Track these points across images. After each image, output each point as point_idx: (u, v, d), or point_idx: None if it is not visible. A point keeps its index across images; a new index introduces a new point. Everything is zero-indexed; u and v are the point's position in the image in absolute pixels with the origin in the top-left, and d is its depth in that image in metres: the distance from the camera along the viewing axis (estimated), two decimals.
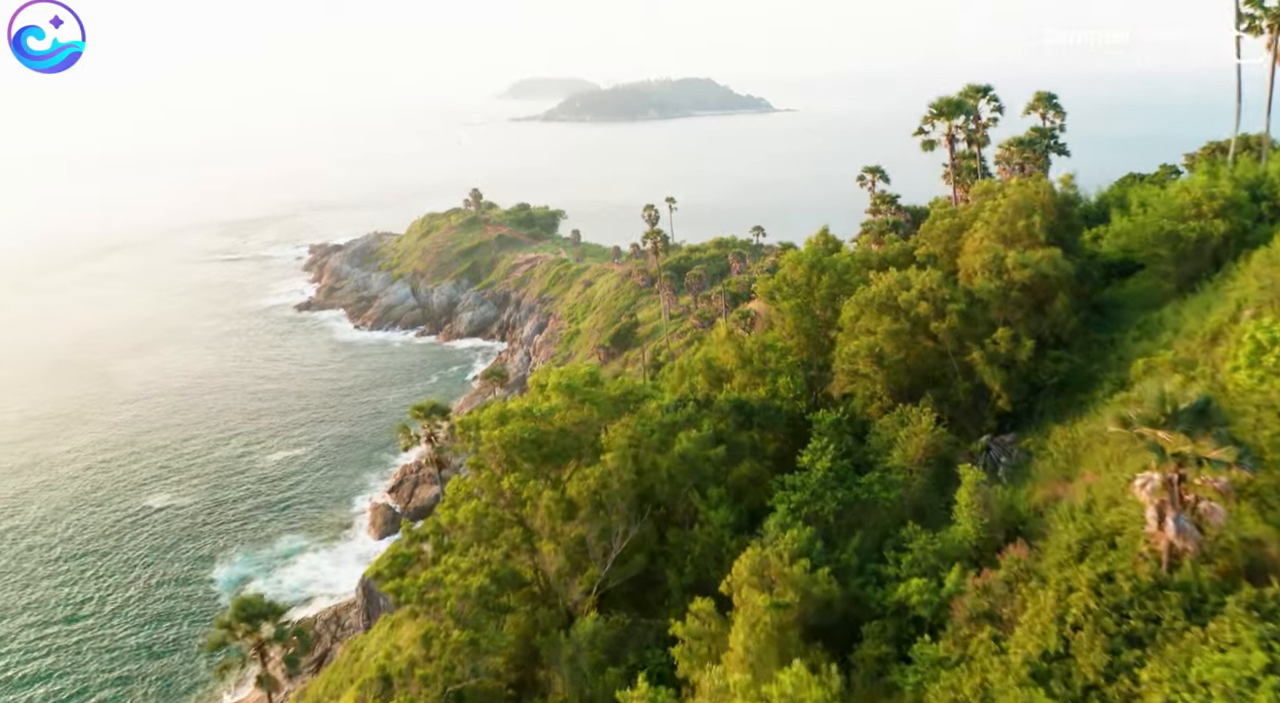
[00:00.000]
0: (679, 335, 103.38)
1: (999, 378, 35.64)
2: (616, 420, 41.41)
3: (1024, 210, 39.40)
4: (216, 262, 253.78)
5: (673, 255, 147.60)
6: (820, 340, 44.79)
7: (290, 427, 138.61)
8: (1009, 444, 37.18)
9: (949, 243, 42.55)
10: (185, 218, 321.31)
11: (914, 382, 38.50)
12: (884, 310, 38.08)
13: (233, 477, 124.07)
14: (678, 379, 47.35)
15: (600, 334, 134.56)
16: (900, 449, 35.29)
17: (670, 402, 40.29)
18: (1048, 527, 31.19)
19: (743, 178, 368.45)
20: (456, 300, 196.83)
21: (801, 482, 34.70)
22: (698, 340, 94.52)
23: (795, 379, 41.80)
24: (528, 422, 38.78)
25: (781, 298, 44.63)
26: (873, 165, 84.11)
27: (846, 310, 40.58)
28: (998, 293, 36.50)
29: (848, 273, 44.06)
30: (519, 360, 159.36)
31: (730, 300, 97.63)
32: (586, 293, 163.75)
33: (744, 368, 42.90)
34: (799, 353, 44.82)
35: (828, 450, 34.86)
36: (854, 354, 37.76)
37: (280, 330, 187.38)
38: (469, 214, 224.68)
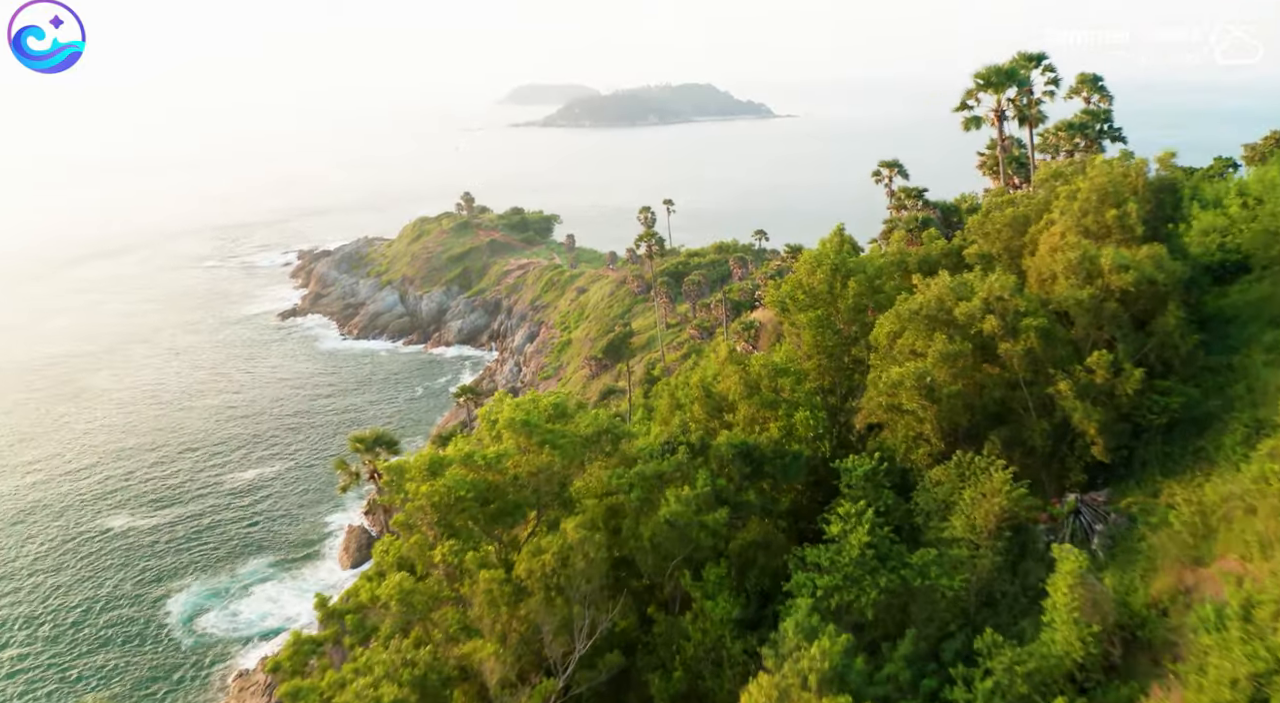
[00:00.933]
0: (675, 347, 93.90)
1: (1094, 417, 26.25)
2: (589, 465, 32.10)
3: (1112, 197, 30.06)
4: (202, 268, 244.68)
5: (669, 260, 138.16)
6: (845, 362, 35.38)
7: (264, 442, 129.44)
8: (1103, 505, 27.82)
9: (1010, 239, 33.25)
10: (176, 223, 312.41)
11: (974, 420, 29.14)
12: (935, 326, 28.72)
13: (199, 495, 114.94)
14: (668, 408, 37.83)
15: (592, 344, 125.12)
16: (963, 515, 25.98)
17: (656, 444, 30.83)
18: (1183, 638, 21.82)
19: (743, 183, 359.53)
20: (446, 308, 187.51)
21: (830, 559, 25.36)
22: (695, 353, 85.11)
23: (815, 413, 32.34)
24: (469, 472, 29.42)
25: (796, 309, 35.20)
26: (888, 160, 75.16)
27: (882, 325, 31.23)
28: (1089, 304, 27.14)
29: (880, 278, 34.68)
30: (509, 371, 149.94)
31: (731, 309, 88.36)
32: (579, 300, 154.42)
33: (750, 398, 33.44)
34: (819, 378, 35.39)
35: (864, 518, 25.47)
36: (896, 384, 28.39)
37: (262, 339, 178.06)
38: (461, 218, 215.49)
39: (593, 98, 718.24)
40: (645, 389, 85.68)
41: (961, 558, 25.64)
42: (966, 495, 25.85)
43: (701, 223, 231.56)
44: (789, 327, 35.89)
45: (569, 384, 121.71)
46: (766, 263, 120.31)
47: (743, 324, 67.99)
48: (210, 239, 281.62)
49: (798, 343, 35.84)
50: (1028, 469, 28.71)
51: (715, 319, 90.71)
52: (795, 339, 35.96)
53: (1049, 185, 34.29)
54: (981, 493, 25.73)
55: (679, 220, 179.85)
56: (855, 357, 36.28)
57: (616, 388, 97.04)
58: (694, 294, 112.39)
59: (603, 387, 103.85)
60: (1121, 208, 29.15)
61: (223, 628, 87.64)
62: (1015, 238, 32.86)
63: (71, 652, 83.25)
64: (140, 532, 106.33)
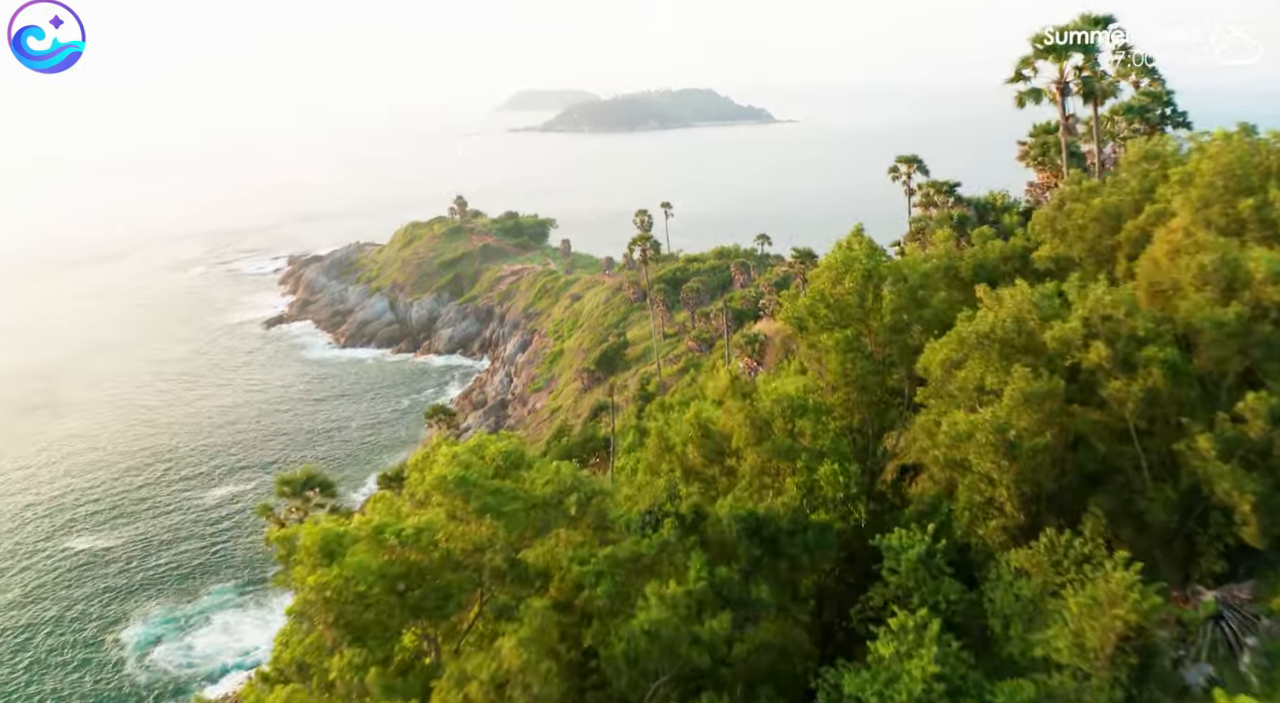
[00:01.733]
0: (672, 360, 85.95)
1: (1248, 487, 18.45)
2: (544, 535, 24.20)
3: (1240, 181, 22.24)
4: (189, 274, 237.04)
5: (667, 266, 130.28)
6: (880, 394, 27.52)
7: (239, 458, 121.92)
8: (1250, 605, 20.02)
9: (1097, 239, 25.45)
10: (169, 227, 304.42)
11: (1065, 481, 21.30)
12: (1012, 355, 20.92)
13: (168, 515, 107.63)
14: (656, 455, 29.83)
15: (585, 355, 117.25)
16: (1065, 627, 18.16)
17: (635, 513, 22.84)
18: None
19: (744, 188, 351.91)
20: (437, 315, 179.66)
21: (879, 693, 17.57)
22: (693, 367, 77.20)
23: (846, 466, 24.40)
24: (378, 552, 21.56)
25: (819, 327, 27.31)
26: (907, 155, 67.42)
27: (935, 351, 23.40)
28: (1235, 327, 19.31)
29: (924, 287, 26.79)
30: (499, 382, 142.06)
31: (733, 318, 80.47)
32: (574, 308, 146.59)
33: (760, 444, 25.55)
34: (846, 415, 27.46)
35: (928, 637, 17.61)
36: (961, 436, 20.56)
37: (245, 348, 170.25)
38: (453, 223, 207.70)
39: (592, 103, 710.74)
40: (639, 406, 77.88)
41: (1066, 692, 17.71)
42: (1072, 603, 17.87)
43: (701, 228, 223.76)
44: (807, 349, 27.96)
45: (560, 397, 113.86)
46: (770, 269, 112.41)
47: (746, 337, 60.09)
48: (202, 244, 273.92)
49: (819, 370, 27.90)
50: (1139, 550, 20.74)
51: (715, 330, 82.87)
52: (815, 365, 28.02)
53: (1140, 169, 26.56)
54: (1093, 599, 17.77)
55: (678, 225, 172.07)
56: (892, 386, 28.41)
57: (609, 404, 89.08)
58: (693, 302, 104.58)
59: (595, 402, 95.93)
60: (1261, 195, 21.44)
61: (175, 663, 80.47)
62: (1104, 236, 25.05)
63: (9, 680, 76.28)
64: (102, 550, 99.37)
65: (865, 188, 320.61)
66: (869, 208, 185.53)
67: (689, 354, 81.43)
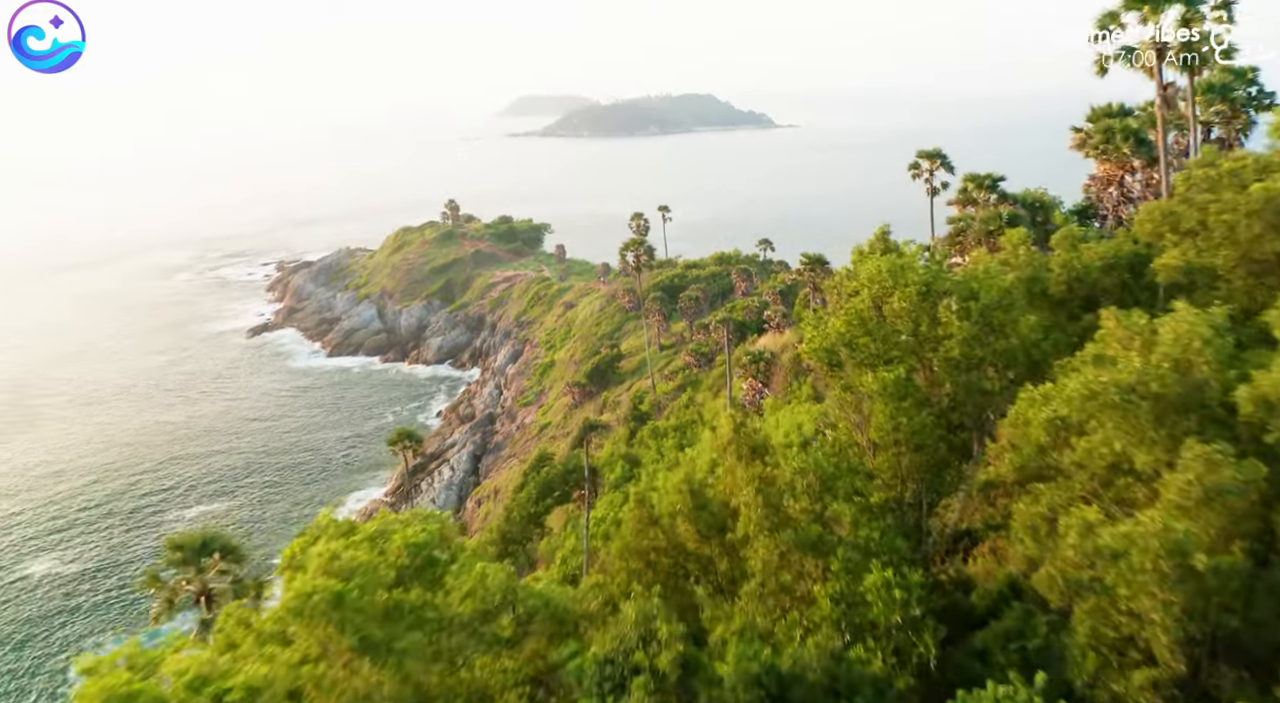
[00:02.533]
0: (668, 375, 78.16)
1: None
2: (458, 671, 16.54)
3: None
4: (174, 280, 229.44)
5: (665, 273, 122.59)
6: (943, 453, 19.84)
7: (215, 474, 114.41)
8: None
9: (1256, 242, 17.78)
10: (160, 232, 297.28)
11: (1254, 618, 13.69)
12: (1174, 420, 13.33)
13: (135, 537, 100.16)
14: (636, 529, 22.05)
15: (577, 367, 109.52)
16: None
17: (592, 661, 14.96)
18: None
19: (745, 193, 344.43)
20: (426, 323, 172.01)
21: None
22: (691, 385, 69.40)
23: (904, 572, 16.64)
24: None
25: (857, 363, 19.65)
26: (928, 150, 59.90)
27: (1032, 407, 15.81)
28: None
29: (1003, 309, 19.09)
30: (488, 394, 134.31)
31: (735, 331, 72.78)
32: (566, 317, 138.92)
33: (777, 531, 17.87)
34: (894, 483, 19.80)
35: None
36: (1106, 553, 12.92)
37: (227, 358, 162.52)
38: (445, 228, 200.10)
39: (592, 108, 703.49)
40: (630, 428, 70.13)
41: None
42: None
43: (700, 233, 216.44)
44: (841, 392, 20.22)
45: (550, 413, 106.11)
46: (774, 276, 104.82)
47: (750, 356, 52.34)
48: (191, 250, 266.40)
49: (856, 421, 20.16)
50: None
51: (715, 344, 75.18)
52: (852, 413, 20.27)
53: None
54: None
55: (676, 230, 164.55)
56: (955, 440, 20.70)
57: (600, 422, 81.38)
58: (691, 312, 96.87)
59: (585, 419, 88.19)
60: None
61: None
62: (1268, 237, 17.42)
63: None
64: (60, 580, 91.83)
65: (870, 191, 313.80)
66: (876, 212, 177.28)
67: (686, 371, 73.75)
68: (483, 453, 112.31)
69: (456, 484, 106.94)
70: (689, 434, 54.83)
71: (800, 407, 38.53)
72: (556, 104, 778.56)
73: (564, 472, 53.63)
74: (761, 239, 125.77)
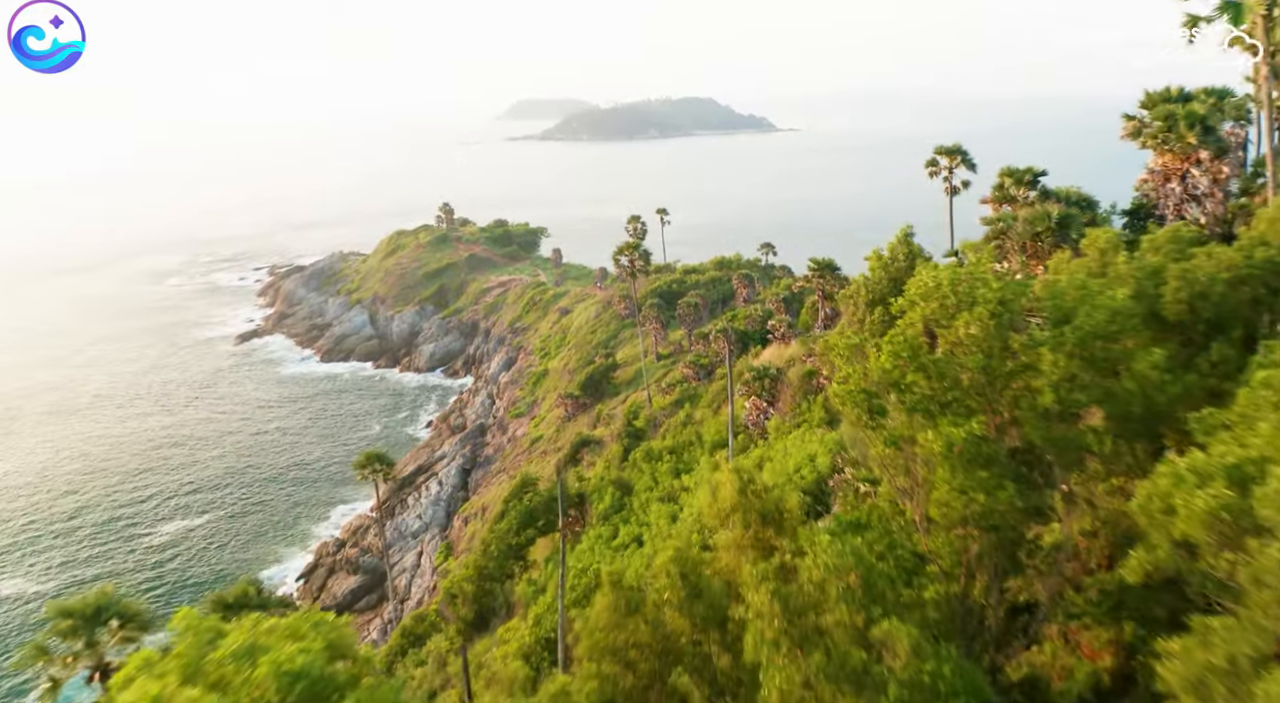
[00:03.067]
0: (665, 388, 72.81)
1: None
2: None
3: None
4: (163, 285, 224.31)
5: (663, 278, 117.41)
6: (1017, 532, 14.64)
7: (196, 486, 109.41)
8: None
9: None
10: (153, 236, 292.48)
11: None
12: None
13: (106, 554, 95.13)
14: (610, 624, 16.75)
15: (571, 377, 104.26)
16: None
17: None
18: None
19: (746, 197, 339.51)
20: (419, 329, 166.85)
21: None
22: (689, 401, 64.12)
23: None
24: None
25: (909, 411, 14.42)
26: (948, 146, 54.80)
27: (1198, 489, 10.69)
28: None
29: (1113, 335, 13.87)
30: (480, 403, 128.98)
31: (736, 342, 67.52)
32: (561, 323, 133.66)
33: (803, 653, 12.68)
34: (959, 574, 14.59)
35: None
36: None
37: (212, 365, 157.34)
38: (439, 231, 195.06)
39: (591, 112, 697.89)
40: (624, 446, 64.84)
41: None
42: None
43: (700, 237, 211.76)
44: (885, 449, 14.97)
45: (542, 425, 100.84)
46: (777, 282, 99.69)
47: (754, 373, 47.06)
48: (184, 254, 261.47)
49: (905, 486, 14.93)
50: None
51: (715, 355, 69.91)
52: (901, 478, 15.03)
53: None
54: None
55: (676, 234, 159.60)
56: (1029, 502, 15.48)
57: (592, 438, 76.15)
58: (690, 319, 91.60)
59: (577, 434, 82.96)
60: None
61: None
62: None
63: None
64: (27, 599, 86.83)
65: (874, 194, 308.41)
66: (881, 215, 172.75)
67: (684, 384, 68.41)
68: (472, 466, 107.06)
69: (445, 499, 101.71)
70: (685, 457, 49.64)
71: (812, 434, 33.29)
72: (556, 108, 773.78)
73: (547, 499, 48.40)
74: (763, 243, 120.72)
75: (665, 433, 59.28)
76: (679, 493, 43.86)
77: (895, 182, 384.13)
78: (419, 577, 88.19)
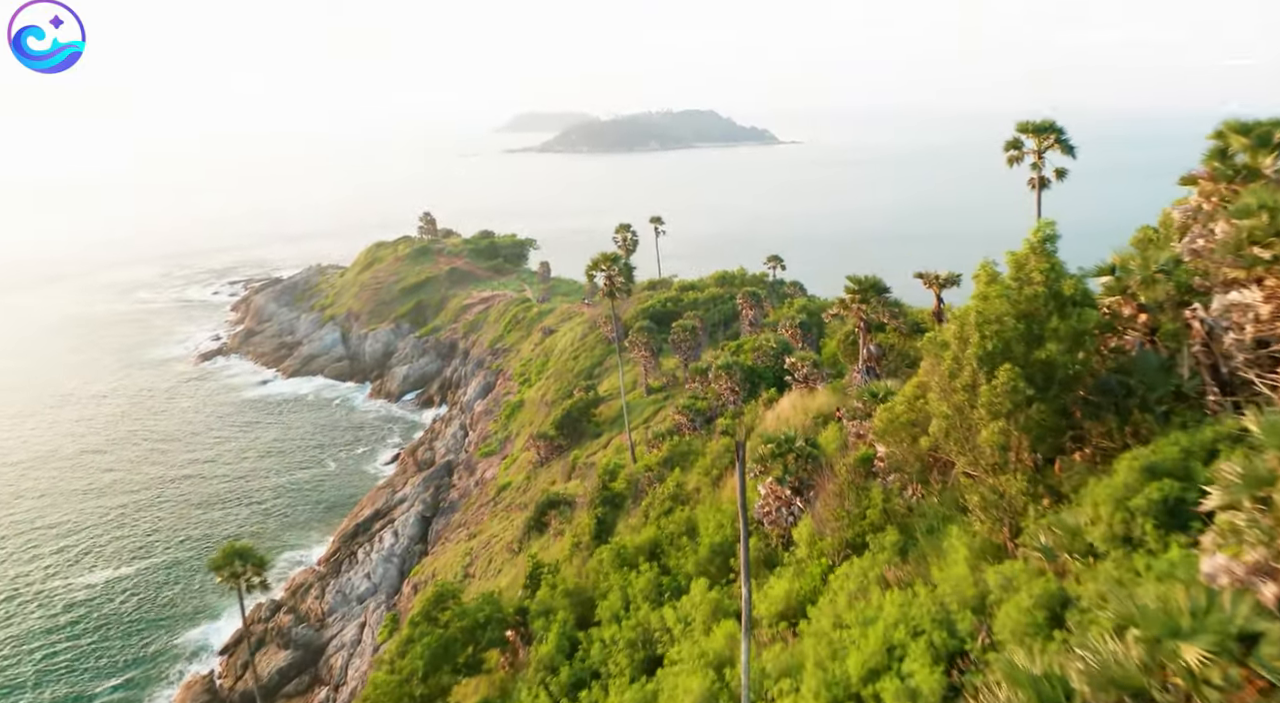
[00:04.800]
0: (652, 441, 56.77)
1: None
2: None
3: None
4: (130, 299, 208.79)
5: (656, 296, 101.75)
6: None
7: (127, 531, 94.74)
8: None
9: None
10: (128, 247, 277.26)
11: None
12: None
13: (22, 608, 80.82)
14: None
15: (548, 411, 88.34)
16: None
17: None
18: None
19: (749, 208, 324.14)
20: (394, 349, 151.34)
21: None
22: (680, 459, 48.25)
23: None
24: None
25: None
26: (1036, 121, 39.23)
27: None
28: None
29: None
30: (452, 435, 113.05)
31: (743, 381, 51.67)
32: (545, 345, 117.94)
33: None
34: None
35: None
36: None
37: (167, 388, 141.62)
38: (420, 243, 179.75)
39: (591, 124, 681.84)
40: (598, 515, 48.98)
41: None
42: None
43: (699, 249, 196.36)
44: None
45: (512, 469, 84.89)
46: (788, 301, 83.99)
47: (773, 445, 31.07)
48: (160, 266, 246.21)
49: None
50: None
51: (717, 397, 54.02)
52: None
53: None
54: None
55: (673, 246, 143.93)
56: None
57: (563, 497, 60.23)
58: (686, 346, 75.77)
59: (544, 490, 67.12)
60: None
61: None
62: None
63: None
64: None
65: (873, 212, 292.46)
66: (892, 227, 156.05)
67: (676, 436, 52.10)
68: (434, 513, 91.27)
69: (399, 554, 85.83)
70: (672, 564, 33.85)
71: (892, 598, 17.86)
72: (556, 121, 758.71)
73: (472, 625, 32.71)
74: (770, 255, 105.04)
75: (648, 509, 43.44)
76: (659, 637, 28.05)
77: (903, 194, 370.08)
78: (358, 656, 72.15)
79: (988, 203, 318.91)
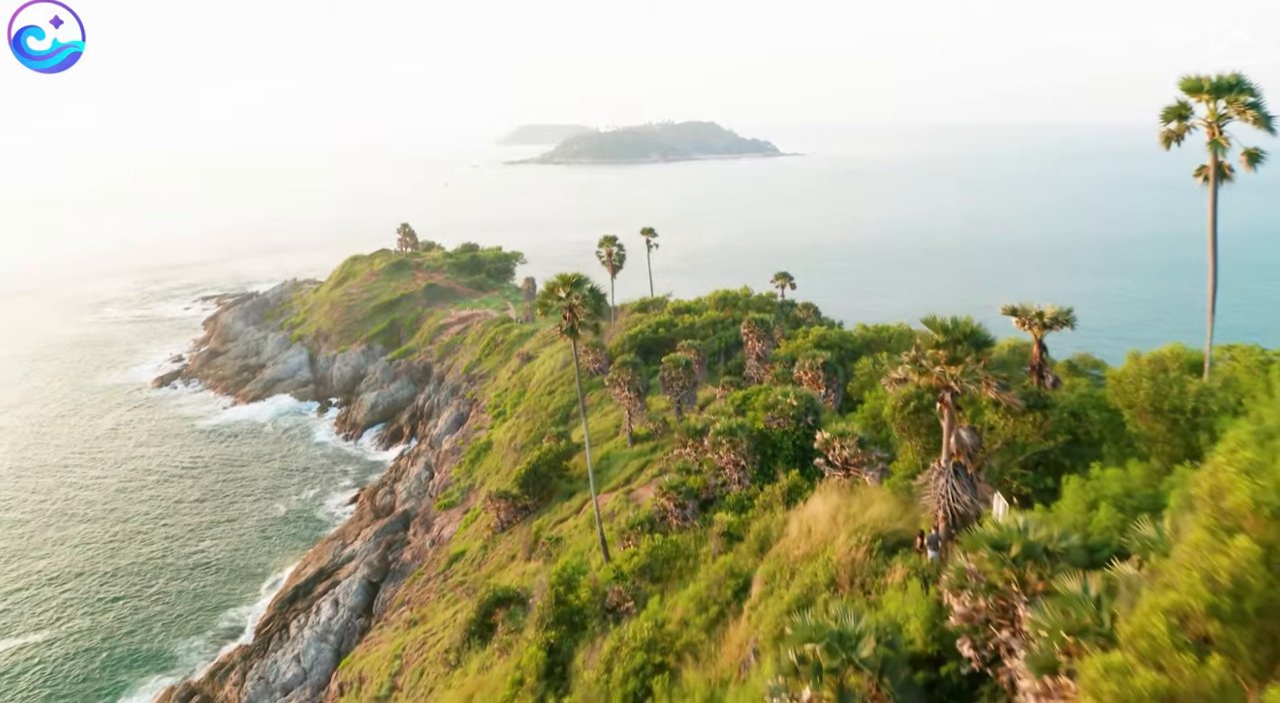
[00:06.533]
0: (629, 534, 41.67)
1: None
2: None
3: None
4: (96, 316, 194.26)
5: (647, 319, 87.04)
6: None
7: (45, 590, 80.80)
8: None
9: None
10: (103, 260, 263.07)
11: None
12: None
13: None
14: None
15: (516, 458, 73.44)
16: None
17: None
18: None
19: (751, 220, 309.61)
20: (364, 373, 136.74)
21: None
22: (665, 568, 33.37)
23: None
24: None
25: None
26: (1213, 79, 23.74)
27: None
28: None
29: None
30: (416, 475, 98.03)
31: (751, 454, 36.87)
32: (522, 373, 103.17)
33: None
34: None
35: None
36: None
37: (113, 419, 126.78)
38: (398, 256, 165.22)
39: (592, 136, 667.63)
40: (551, 639, 34.19)
41: None
42: None
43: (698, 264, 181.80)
44: None
45: (470, 530, 69.90)
46: (803, 331, 69.14)
47: (818, 641, 16.49)
48: (131, 280, 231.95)
49: None
50: None
51: (716, 470, 39.15)
52: None
53: None
54: None
55: (669, 262, 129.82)
56: None
57: (515, 594, 45.44)
58: (679, 385, 60.98)
59: (503, 562, 52.24)
60: None
61: None
62: None
63: None
64: None
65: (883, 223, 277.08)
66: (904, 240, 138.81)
67: (659, 529, 37.01)
68: (382, 578, 76.33)
69: (336, 631, 70.87)
70: None
71: None
72: (556, 133, 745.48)
73: None
74: (778, 273, 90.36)
75: (612, 659, 28.73)
76: None
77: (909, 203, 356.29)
78: None
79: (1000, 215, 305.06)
